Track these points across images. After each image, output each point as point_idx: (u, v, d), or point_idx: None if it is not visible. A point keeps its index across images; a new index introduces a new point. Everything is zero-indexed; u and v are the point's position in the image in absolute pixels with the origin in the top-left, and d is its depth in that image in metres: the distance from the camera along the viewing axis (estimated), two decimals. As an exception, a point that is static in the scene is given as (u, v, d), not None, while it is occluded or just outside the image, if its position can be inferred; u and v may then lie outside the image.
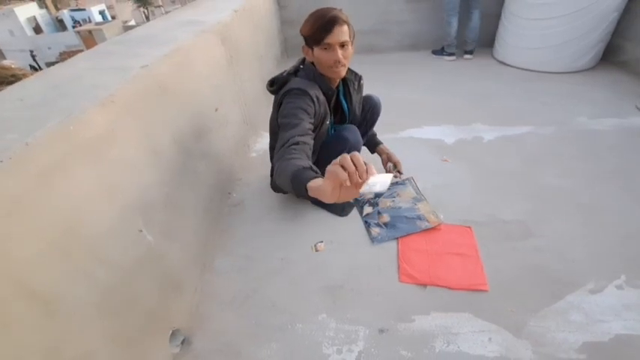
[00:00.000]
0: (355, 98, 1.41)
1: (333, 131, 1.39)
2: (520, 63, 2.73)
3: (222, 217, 1.54)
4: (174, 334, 1.07)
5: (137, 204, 0.93)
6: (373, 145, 1.62)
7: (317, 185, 0.75)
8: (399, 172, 1.57)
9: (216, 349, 1.05)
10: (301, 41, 1.21)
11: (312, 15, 1.14)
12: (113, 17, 27.09)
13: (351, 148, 1.29)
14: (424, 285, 1.17)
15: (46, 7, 25.28)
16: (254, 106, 2.12)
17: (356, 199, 1.52)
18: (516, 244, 1.27)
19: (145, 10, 28.49)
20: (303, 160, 0.92)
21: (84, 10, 25.35)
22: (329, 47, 1.12)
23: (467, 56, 3.08)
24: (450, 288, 1.15)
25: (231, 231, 1.47)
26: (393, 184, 1.58)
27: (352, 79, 1.37)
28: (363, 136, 1.52)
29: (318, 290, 1.19)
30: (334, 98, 1.33)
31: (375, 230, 1.39)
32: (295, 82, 1.18)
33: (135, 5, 28.61)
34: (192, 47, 1.39)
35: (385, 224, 1.41)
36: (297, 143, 0.99)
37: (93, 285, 0.77)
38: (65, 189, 0.72)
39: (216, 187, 1.55)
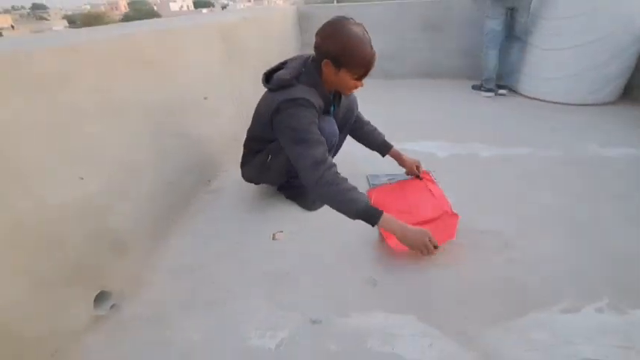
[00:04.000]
0: (343, 103, 1.41)
1: None
2: (535, 94, 2.63)
3: (195, 202, 1.54)
4: (104, 296, 1.04)
5: (82, 151, 0.96)
6: (385, 149, 1.53)
7: (391, 229, 1.08)
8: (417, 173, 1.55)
9: (142, 317, 1.00)
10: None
11: (354, 45, 1.08)
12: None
13: (326, 137, 1.24)
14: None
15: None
16: (254, 108, 2.18)
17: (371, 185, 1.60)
18: (488, 255, 1.14)
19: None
20: (357, 190, 1.11)
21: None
22: (358, 79, 1.16)
23: (502, 91, 2.79)
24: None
25: (199, 214, 1.46)
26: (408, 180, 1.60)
27: None
28: (341, 132, 1.50)
29: (262, 275, 1.13)
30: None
31: None
32: (300, 91, 1.15)
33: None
34: (187, 33, 1.48)
35: None
36: (335, 165, 1.13)
37: (9, 209, 0.77)
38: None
39: (192, 170, 1.57)
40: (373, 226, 1.08)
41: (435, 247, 1.07)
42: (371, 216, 1.07)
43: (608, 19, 2.19)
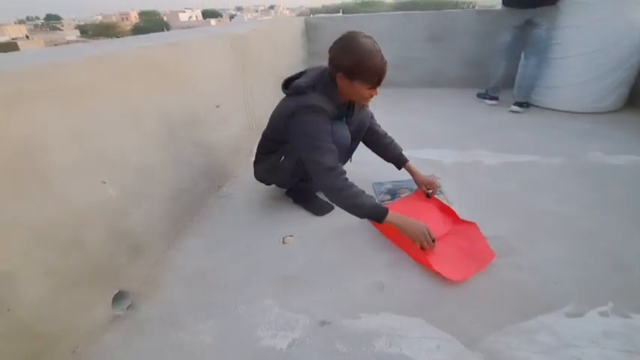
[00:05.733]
0: (356, 117, 1.46)
1: None
2: (538, 102, 2.66)
3: (206, 206, 1.58)
4: (122, 297, 1.08)
5: (104, 156, 1.01)
6: (401, 162, 1.57)
7: (396, 223, 1.17)
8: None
9: (156, 317, 1.04)
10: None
11: (365, 56, 1.15)
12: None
13: (338, 141, 1.30)
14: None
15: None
16: (263, 116, 2.24)
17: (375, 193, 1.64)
18: (493, 260, 1.16)
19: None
20: (364, 194, 1.21)
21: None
22: (372, 88, 1.22)
23: (514, 108, 2.59)
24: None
25: (211, 218, 1.51)
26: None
27: None
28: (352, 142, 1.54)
29: (272, 278, 1.16)
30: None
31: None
32: (314, 98, 1.22)
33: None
34: (201, 45, 1.55)
35: None
36: (344, 172, 1.23)
37: (38, 210, 0.82)
38: (27, 117, 0.79)
39: (204, 175, 1.61)
40: (381, 222, 1.19)
41: (433, 241, 1.17)
42: (379, 214, 1.18)
43: (611, 29, 2.22)
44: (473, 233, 1.25)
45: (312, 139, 1.21)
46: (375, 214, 1.19)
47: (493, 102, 2.82)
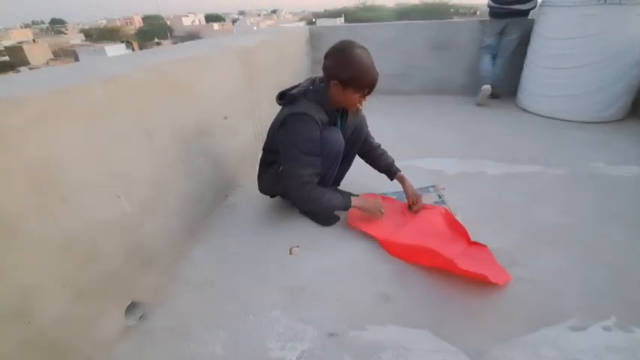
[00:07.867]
0: (351, 121, 1.49)
1: None
2: (542, 111, 2.68)
3: (213, 216, 1.61)
4: (134, 307, 1.10)
5: (119, 171, 1.04)
6: (392, 173, 1.61)
7: (358, 205, 1.41)
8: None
9: (167, 328, 1.06)
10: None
11: (360, 67, 1.20)
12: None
13: (332, 146, 1.34)
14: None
15: (132, 48, 29.83)
16: (268, 125, 2.26)
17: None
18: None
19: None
20: (335, 194, 1.39)
21: (162, 51, 29.71)
22: (362, 96, 1.28)
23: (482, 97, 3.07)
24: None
25: (218, 228, 1.53)
26: (417, 189, 1.61)
27: None
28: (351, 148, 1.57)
29: (280, 289, 1.18)
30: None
31: None
32: (303, 105, 1.29)
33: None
34: (211, 59, 1.58)
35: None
36: (317, 184, 1.36)
37: (58, 226, 0.85)
38: (50, 137, 0.83)
39: (212, 186, 1.65)
40: (347, 210, 1.40)
41: (382, 213, 1.45)
42: (345, 205, 1.39)
43: (614, 39, 2.25)
44: (485, 255, 1.24)
45: (295, 148, 1.28)
46: (343, 206, 1.38)
47: (486, 87, 2.93)
